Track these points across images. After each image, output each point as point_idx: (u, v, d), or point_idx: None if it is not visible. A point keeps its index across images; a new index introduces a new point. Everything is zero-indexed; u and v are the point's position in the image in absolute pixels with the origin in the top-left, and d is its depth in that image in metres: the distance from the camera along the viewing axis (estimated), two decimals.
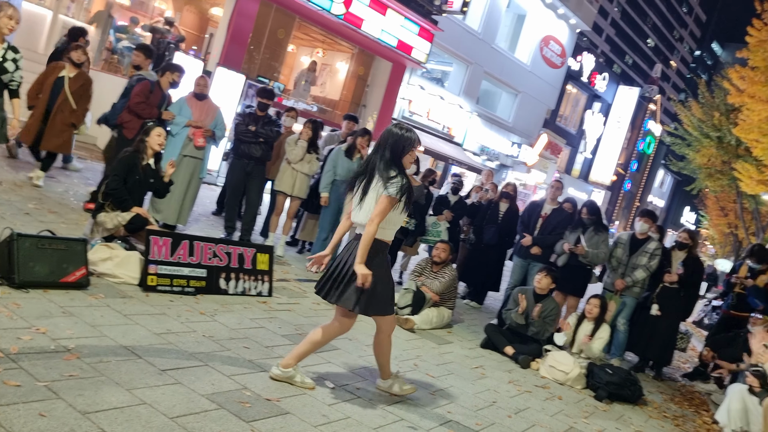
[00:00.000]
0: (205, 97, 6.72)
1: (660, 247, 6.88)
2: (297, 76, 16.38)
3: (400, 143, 3.59)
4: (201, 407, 3.06)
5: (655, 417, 5.39)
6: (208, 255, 5.00)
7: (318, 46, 18.00)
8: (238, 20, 13.24)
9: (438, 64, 21.81)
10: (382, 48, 16.21)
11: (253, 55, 14.85)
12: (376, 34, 15.43)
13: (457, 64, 22.36)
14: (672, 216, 55.49)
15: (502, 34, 23.82)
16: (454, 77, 22.68)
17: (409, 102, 19.66)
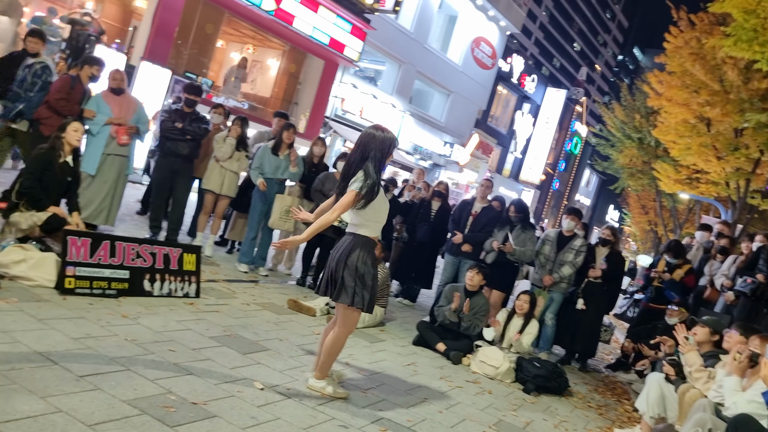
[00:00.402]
0: (123, 91, 6.45)
1: (585, 243, 7.12)
2: (227, 72, 16.05)
3: (385, 145, 3.75)
4: (122, 413, 2.93)
5: (580, 407, 5.57)
6: (131, 256, 4.81)
7: (248, 42, 17.70)
8: (163, 13, 12.83)
9: (371, 62, 21.85)
10: (313, 45, 16.10)
11: (180, 49, 14.43)
12: (308, 32, 15.32)
13: (389, 63, 22.47)
14: (597, 214, 57.67)
15: (434, 34, 24.10)
16: (387, 76, 22.78)
17: (341, 100, 19.61)
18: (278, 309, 5.79)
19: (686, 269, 7.28)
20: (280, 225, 7.00)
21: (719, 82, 12.62)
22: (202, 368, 3.77)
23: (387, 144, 3.75)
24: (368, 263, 3.78)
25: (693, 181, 16.35)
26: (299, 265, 7.46)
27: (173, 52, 13.84)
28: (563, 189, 46.38)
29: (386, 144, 3.75)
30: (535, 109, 36.69)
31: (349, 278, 3.74)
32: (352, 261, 3.74)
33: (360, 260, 3.74)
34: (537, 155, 38.15)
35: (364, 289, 3.76)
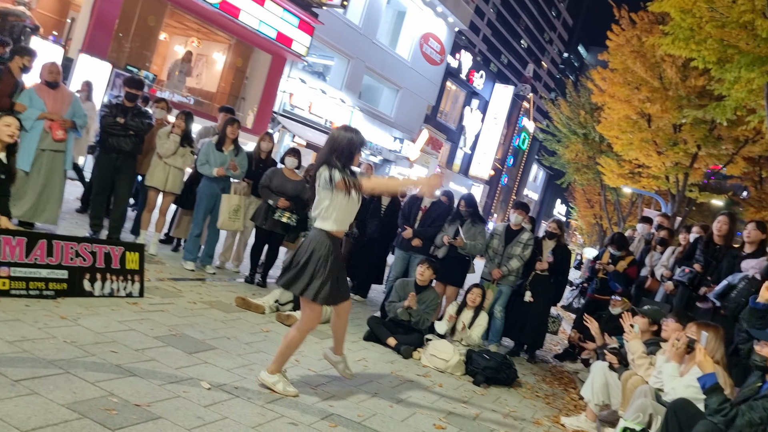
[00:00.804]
0: (58, 85, 6.20)
1: (532, 237, 7.26)
2: (171, 66, 15.68)
3: (352, 144, 3.80)
4: (60, 418, 2.82)
5: (529, 397, 5.67)
6: (69, 255, 4.64)
7: (193, 36, 17.31)
8: (102, 5, 12.41)
9: (319, 57, 21.72)
10: (260, 39, 15.88)
11: (121, 42, 14.00)
12: (254, 25, 15.10)
13: (338, 58, 22.37)
14: (545, 208, 58.96)
15: (383, 29, 24.13)
16: (336, 71, 22.69)
17: (290, 95, 19.42)
18: (226, 307, 5.69)
19: (629, 261, 7.49)
20: (229, 225, 6.88)
21: (659, 80, 13.06)
22: (146, 369, 3.66)
23: (352, 143, 3.79)
24: (330, 258, 3.82)
25: (635, 176, 16.89)
26: (247, 262, 7.35)
27: (114, 44, 13.40)
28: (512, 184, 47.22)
29: (352, 143, 3.79)
30: (483, 105, 37.20)
31: (312, 272, 3.79)
32: (316, 256, 3.80)
33: (323, 255, 3.80)
34: (486, 151, 38.70)
35: (326, 283, 3.79)
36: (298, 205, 6.85)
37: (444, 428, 4.15)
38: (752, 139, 12.81)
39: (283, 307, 6.01)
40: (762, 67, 7.36)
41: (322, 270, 3.79)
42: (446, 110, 33.83)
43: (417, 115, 28.02)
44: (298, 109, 20.03)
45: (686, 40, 8.26)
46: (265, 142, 7.42)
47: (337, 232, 3.87)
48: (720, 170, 14.98)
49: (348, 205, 3.84)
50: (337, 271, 3.89)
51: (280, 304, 6.04)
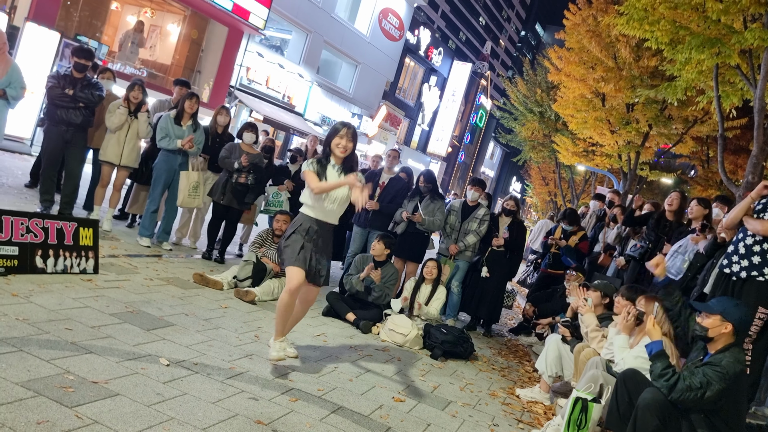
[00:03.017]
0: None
1: (488, 213, 7.37)
2: (122, 37, 15.17)
3: (329, 134, 4.14)
4: (15, 396, 2.77)
5: (485, 370, 5.81)
6: (20, 231, 4.50)
7: (146, 6, 16.76)
8: None
9: (277, 31, 21.35)
10: (216, 11, 15.50)
11: (70, 11, 13.47)
12: None
13: (296, 32, 22.03)
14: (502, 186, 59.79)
15: (341, 4, 23.83)
16: (294, 46, 22.36)
17: (247, 69, 19.06)
18: (183, 284, 5.63)
19: (580, 236, 7.70)
20: (189, 203, 6.78)
21: (613, 59, 13.30)
22: (103, 346, 3.61)
23: (330, 132, 4.15)
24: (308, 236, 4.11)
25: (589, 154, 17.25)
26: (204, 239, 7.26)
27: (62, 13, 12.88)
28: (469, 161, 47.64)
29: (329, 133, 4.15)
30: (441, 82, 37.26)
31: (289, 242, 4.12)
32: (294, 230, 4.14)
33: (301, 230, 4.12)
34: (444, 128, 38.89)
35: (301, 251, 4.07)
36: (255, 173, 6.82)
37: (403, 401, 4.23)
38: (701, 120, 13.21)
39: (242, 284, 5.98)
40: (711, 49, 7.57)
41: (299, 241, 4.06)
42: (405, 87, 33.78)
43: (375, 91, 27.89)
44: (255, 83, 19.70)
45: (640, 20, 8.42)
46: (221, 116, 7.29)
47: (316, 216, 4.11)
48: (669, 149, 15.43)
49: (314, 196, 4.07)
50: (315, 251, 4.11)
51: (239, 280, 6.01)
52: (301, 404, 3.63)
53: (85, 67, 6.36)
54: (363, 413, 3.78)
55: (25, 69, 6.38)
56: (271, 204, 7.81)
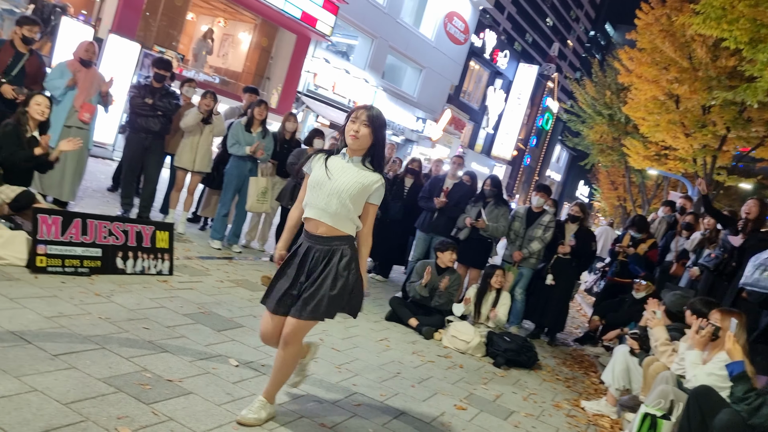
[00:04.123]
0: (91, 64, 6.32)
1: (554, 219, 7.26)
2: (195, 46, 15.75)
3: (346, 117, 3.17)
4: (97, 391, 2.95)
5: (549, 380, 5.73)
6: (103, 233, 4.78)
7: (219, 16, 17.38)
8: None
9: (343, 37, 21.64)
10: (285, 19, 15.88)
11: (149, 22, 14.13)
12: (280, 5, 15.10)
13: (362, 38, 22.28)
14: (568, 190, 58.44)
15: (407, 8, 23.92)
16: (360, 51, 22.61)
17: (314, 75, 19.42)
18: (252, 285, 5.81)
19: (650, 243, 7.47)
20: (257, 208, 6.99)
21: (688, 60, 12.82)
22: (177, 346, 3.79)
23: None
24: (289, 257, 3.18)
25: (661, 158, 16.66)
26: (273, 241, 7.47)
27: (142, 24, 13.53)
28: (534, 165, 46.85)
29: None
30: (507, 84, 36.82)
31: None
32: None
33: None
34: (509, 131, 38.39)
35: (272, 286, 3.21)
36: None
37: (465, 409, 4.23)
38: None
39: None
40: None
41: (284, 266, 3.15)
42: (469, 90, 33.56)
43: (440, 95, 27.84)
44: (321, 89, 20.04)
45: (718, 19, 8.11)
46: (290, 123, 7.48)
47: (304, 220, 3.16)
48: (749, 153, 14.71)
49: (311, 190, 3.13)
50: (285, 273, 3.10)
51: None
52: (364, 409, 3.70)
53: (164, 77, 6.68)
54: (425, 420, 3.81)
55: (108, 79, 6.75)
56: None
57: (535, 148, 45.61)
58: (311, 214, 3.07)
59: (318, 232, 3.06)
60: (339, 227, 3.05)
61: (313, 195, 3.06)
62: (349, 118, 3.08)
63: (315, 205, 3.05)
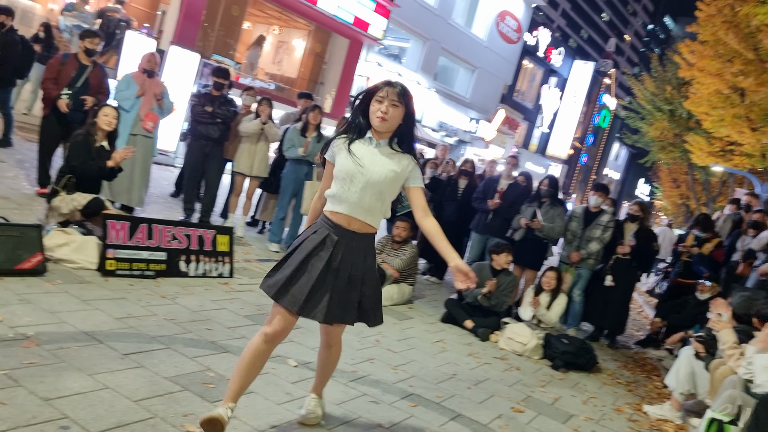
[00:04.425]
0: (154, 74, 6.58)
1: (613, 219, 7.10)
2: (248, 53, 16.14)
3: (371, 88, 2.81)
4: (165, 389, 3.08)
5: (609, 383, 5.61)
6: (167, 238, 4.96)
7: (274, 23, 17.75)
8: None
9: (395, 40, 21.74)
10: (338, 24, 16.08)
11: (208, 32, 14.56)
12: (332, 11, 15.29)
13: (414, 40, 22.32)
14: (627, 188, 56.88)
15: (458, 9, 23.83)
16: (412, 53, 22.65)
17: (367, 79, 19.57)
18: None
19: (715, 243, 7.22)
20: None
21: (753, 51, 12.29)
22: (238, 346, 3.91)
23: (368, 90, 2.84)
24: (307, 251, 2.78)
25: (726, 154, 16.01)
26: None
27: (201, 35, 13.96)
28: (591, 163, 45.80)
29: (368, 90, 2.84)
30: (562, 82, 36.16)
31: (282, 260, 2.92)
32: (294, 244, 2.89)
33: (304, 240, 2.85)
34: (564, 129, 37.69)
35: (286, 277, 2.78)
36: None
37: (522, 411, 4.20)
38: None
39: None
40: None
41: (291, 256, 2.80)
42: (523, 89, 33.12)
43: (493, 95, 27.59)
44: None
45: None
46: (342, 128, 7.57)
47: (342, 211, 2.76)
48: None
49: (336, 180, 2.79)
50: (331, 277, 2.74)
51: None
52: (421, 410, 3.72)
53: (222, 85, 6.90)
54: (482, 422, 3.80)
55: (170, 88, 7.02)
56: (404, 199, 7.89)
57: (591, 147, 44.58)
58: (343, 210, 2.74)
59: (351, 227, 2.75)
60: (372, 223, 2.80)
61: (343, 188, 2.72)
62: (373, 97, 2.74)
63: (346, 199, 2.72)
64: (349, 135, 2.81)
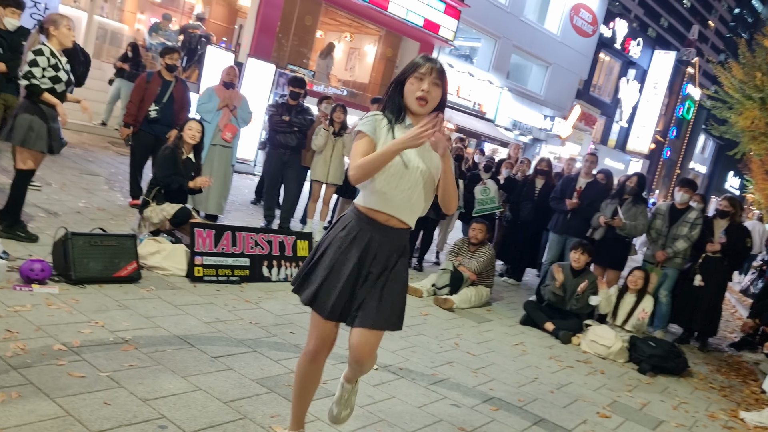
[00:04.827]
0: (233, 86, 6.85)
1: (701, 216, 6.80)
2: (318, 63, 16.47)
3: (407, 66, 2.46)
4: (252, 391, 3.20)
5: (701, 388, 5.37)
6: (250, 244, 5.15)
7: (346, 30, 18.04)
8: (265, 9, 13.37)
9: (466, 40, 21.58)
10: (408, 28, 16.15)
11: (282, 43, 14.98)
12: (402, 15, 15.38)
13: (485, 39, 22.09)
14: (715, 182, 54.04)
15: (530, 5, 23.40)
16: (483, 53, 22.43)
17: None
18: None
19: None
20: None
21: None
22: None
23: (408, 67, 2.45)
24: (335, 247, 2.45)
25: None
26: None
27: (276, 46, 14.39)
28: (675, 157, 43.82)
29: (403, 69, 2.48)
30: (641, 74, 34.79)
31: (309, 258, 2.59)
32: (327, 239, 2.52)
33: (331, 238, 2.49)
34: (645, 123, 36.22)
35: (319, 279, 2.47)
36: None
37: (609, 417, 4.09)
38: None
39: (440, 291, 6.19)
40: None
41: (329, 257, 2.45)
42: (599, 83, 32.09)
43: (568, 90, 26.89)
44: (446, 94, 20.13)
45: None
46: None
47: (378, 208, 2.41)
48: None
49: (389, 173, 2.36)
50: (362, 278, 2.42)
51: (438, 288, 6.23)
52: (502, 414, 3.70)
53: (299, 94, 7.09)
54: (566, 427, 3.73)
55: (249, 99, 7.28)
56: (482, 202, 7.84)
57: (675, 140, 42.65)
58: (385, 209, 2.39)
59: (390, 223, 2.42)
60: (411, 222, 2.49)
61: (390, 185, 2.35)
62: (413, 73, 2.38)
63: (391, 198, 2.37)
64: (387, 114, 2.42)
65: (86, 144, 9.60)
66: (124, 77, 10.09)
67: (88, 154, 8.93)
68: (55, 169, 7.26)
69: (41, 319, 3.42)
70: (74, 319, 3.53)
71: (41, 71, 4.52)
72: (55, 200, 6.00)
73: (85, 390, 2.79)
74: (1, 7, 5.82)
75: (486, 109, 22.25)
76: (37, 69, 4.50)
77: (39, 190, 6.13)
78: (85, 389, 2.79)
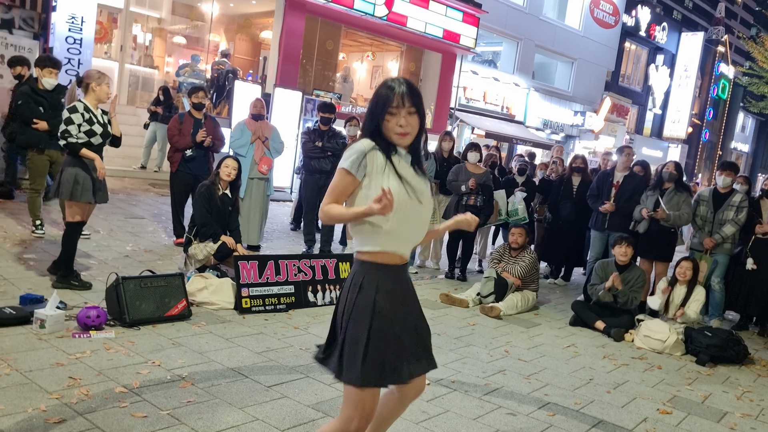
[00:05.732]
0: (262, 117, 7.02)
1: (746, 198, 6.62)
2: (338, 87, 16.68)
3: (373, 101, 2.26)
4: (308, 417, 3.25)
5: (765, 375, 5.20)
6: (293, 271, 5.24)
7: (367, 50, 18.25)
8: (287, 39, 13.64)
9: (488, 45, 21.57)
10: (429, 41, 16.25)
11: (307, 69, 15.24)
12: (422, 29, 15.49)
13: (507, 42, 22.04)
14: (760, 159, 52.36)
15: (548, 4, 23.28)
16: (506, 56, 22.37)
17: (464, 89, 19.56)
18: (432, 304, 5.99)
19: None
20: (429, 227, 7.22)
21: None
22: None
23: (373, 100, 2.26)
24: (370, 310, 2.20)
25: None
26: (446, 259, 7.63)
27: (300, 73, 14.65)
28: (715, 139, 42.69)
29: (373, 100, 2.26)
30: (670, 59, 34.12)
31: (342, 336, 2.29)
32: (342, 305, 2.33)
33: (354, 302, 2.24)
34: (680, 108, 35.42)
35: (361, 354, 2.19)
36: (483, 189, 7.06)
37: (670, 413, 4.01)
38: None
39: (486, 300, 6.17)
40: None
41: (352, 328, 2.22)
42: (628, 73, 31.58)
43: (596, 84, 26.55)
44: (473, 101, 20.12)
45: None
46: (446, 142, 7.66)
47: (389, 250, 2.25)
48: None
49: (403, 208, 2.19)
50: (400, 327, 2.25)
51: (483, 297, 6.21)
52: (560, 419, 3.66)
53: (329, 119, 7.22)
54: (626, 427, 3.67)
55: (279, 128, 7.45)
56: (512, 214, 7.83)
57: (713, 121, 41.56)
58: (394, 248, 2.24)
59: (401, 261, 2.30)
60: (407, 253, 2.34)
61: (399, 223, 2.18)
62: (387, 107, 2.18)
63: (396, 235, 2.21)
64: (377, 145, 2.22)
65: (128, 188, 9.91)
66: (158, 120, 10.43)
67: (131, 198, 9.22)
68: (102, 216, 7.51)
69: (101, 363, 3.55)
70: (132, 360, 3.65)
71: (77, 128, 4.72)
72: (104, 246, 6.22)
73: (149, 429, 2.88)
74: (39, 68, 6.13)
75: (515, 112, 22.14)
76: (73, 126, 4.70)
77: (88, 238, 6.36)
78: (148, 428, 2.89)
